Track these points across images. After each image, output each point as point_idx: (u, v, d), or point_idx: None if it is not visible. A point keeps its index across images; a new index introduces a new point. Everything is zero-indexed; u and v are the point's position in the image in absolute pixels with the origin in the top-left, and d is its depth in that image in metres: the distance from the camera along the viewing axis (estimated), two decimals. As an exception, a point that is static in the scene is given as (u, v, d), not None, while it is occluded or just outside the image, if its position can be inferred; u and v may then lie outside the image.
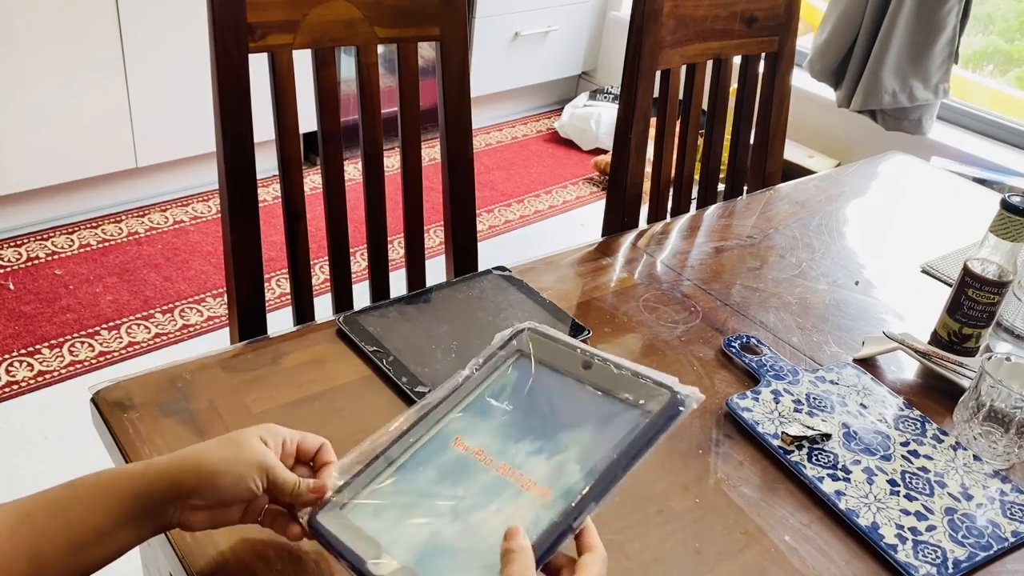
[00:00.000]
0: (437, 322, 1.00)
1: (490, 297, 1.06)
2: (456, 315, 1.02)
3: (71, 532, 0.57)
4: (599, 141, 3.27)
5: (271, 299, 2.26)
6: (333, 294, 1.28)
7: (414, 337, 0.97)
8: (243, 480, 0.61)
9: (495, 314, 1.03)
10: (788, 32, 1.55)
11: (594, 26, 3.54)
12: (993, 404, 0.89)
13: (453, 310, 1.03)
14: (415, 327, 0.98)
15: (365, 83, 1.19)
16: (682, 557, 0.76)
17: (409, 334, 0.97)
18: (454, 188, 1.31)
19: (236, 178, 1.11)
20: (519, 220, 2.82)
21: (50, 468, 1.70)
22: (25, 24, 2.11)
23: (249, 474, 0.61)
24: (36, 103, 2.21)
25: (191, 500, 0.61)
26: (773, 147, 1.62)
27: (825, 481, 0.84)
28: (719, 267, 1.22)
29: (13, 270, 2.24)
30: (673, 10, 1.37)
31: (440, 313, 1.02)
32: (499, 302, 1.05)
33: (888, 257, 1.32)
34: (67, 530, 0.56)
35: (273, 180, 2.68)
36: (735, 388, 0.97)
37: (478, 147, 3.21)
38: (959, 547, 0.79)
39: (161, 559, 0.75)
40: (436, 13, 1.21)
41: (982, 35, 2.88)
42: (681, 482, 0.84)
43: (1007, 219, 1.00)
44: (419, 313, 1.02)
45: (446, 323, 1.00)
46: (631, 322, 1.07)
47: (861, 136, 2.81)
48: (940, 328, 1.08)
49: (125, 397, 0.84)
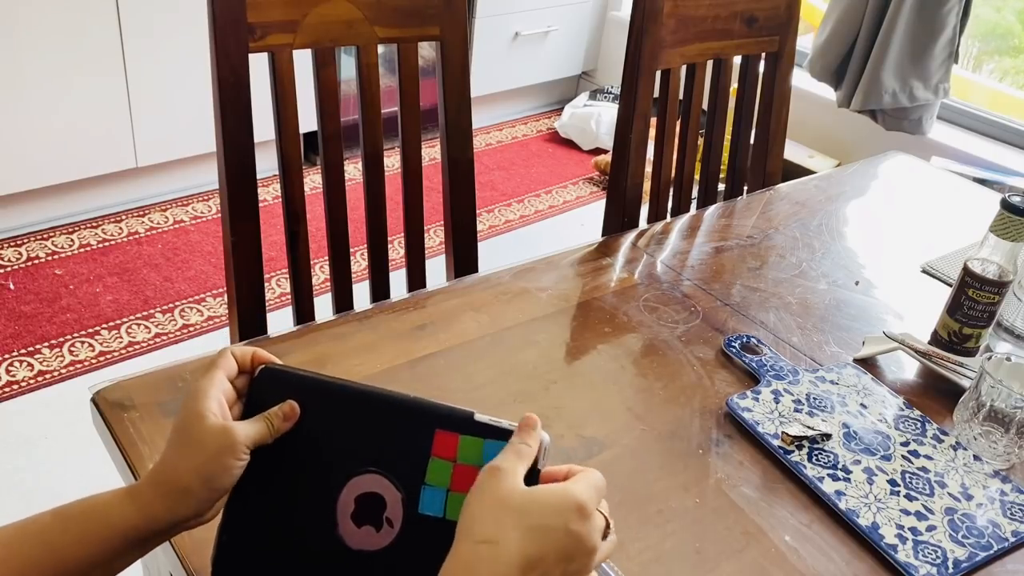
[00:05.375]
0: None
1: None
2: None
3: (63, 565, 0.55)
4: (599, 141, 3.27)
5: (271, 299, 2.26)
6: (333, 294, 1.28)
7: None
8: (227, 473, 0.59)
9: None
10: (788, 32, 1.55)
11: (594, 26, 3.54)
12: (993, 404, 0.89)
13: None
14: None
15: (365, 83, 1.19)
16: (682, 557, 0.76)
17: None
18: (454, 188, 1.31)
19: (236, 178, 1.11)
20: (519, 220, 2.82)
21: (50, 468, 1.70)
22: (25, 24, 2.11)
23: (229, 464, 0.59)
24: (36, 103, 2.21)
25: (188, 523, 0.59)
26: (773, 147, 1.62)
27: (825, 481, 0.84)
28: (719, 267, 1.22)
29: (13, 270, 2.24)
30: (673, 10, 1.37)
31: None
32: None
33: (888, 257, 1.32)
34: (59, 563, 0.55)
35: (273, 180, 2.68)
36: (735, 388, 0.97)
37: (478, 147, 3.21)
38: (959, 547, 0.79)
39: (161, 559, 0.75)
40: (436, 13, 1.21)
41: (997, 14, 2.85)
42: (681, 482, 0.84)
43: (1007, 219, 1.00)
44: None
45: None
46: (631, 322, 1.07)
47: (861, 136, 2.81)
48: (940, 328, 1.08)
49: (125, 397, 0.84)
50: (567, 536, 0.52)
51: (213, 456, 0.58)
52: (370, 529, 0.61)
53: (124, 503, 0.57)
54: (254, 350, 0.65)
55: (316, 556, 0.61)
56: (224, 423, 0.59)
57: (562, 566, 0.52)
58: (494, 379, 0.95)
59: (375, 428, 0.61)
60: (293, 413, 0.62)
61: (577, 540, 0.53)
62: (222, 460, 0.58)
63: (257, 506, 0.62)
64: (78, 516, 0.57)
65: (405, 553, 0.59)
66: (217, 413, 0.59)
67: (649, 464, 0.86)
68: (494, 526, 0.52)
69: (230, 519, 0.63)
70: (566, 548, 0.52)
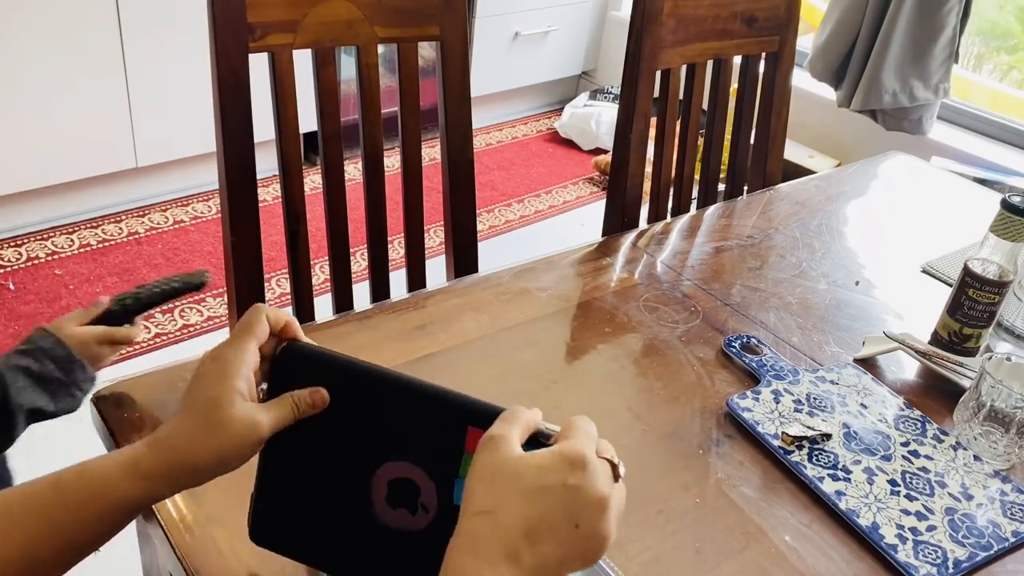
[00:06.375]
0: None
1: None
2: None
3: (62, 538, 0.55)
4: (599, 141, 3.27)
5: (271, 299, 2.26)
6: (333, 294, 1.28)
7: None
8: (243, 459, 0.58)
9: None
10: (788, 32, 1.55)
11: (594, 26, 3.54)
12: (993, 404, 0.89)
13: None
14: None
15: (365, 83, 1.19)
16: (682, 557, 0.76)
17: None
18: (454, 188, 1.31)
19: (236, 178, 1.11)
20: (519, 220, 2.82)
21: (50, 469, 1.69)
22: (25, 24, 2.11)
23: (248, 453, 0.58)
24: (36, 103, 2.21)
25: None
26: (773, 147, 1.62)
27: (825, 481, 0.84)
28: (719, 267, 1.22)
29: (13, 270, 2.24)
30: (673, 10, 1.37)
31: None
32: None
33: (888, 257, 1.32)
34: (58, 536, 0.55)
35: (273, 180, 2.68)
36: (735, 388, 0.97)
37: (478, 147, 3.21)
38: (959, 547, 0.79)
39: (161, 559, 0.75)
40: (436, 13, 1.21)
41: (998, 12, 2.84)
42: (681, 482, 0.84)
43: (1007, 219, 1.00)
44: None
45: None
46: (631, 322, 1.07)
47: (861, 136, 2.81)
48: (940, 328, 1.07)
49: (125, 397, 0.84)
50: (567, 492, 0.50)
51: (234, 443, 0.57)
52: (405, 512, 0.61)
53: (128, 478, 0.56)
54: (288, 319, 0.62)
55: (352, 529, 0.62)
56: (252, 416, 0.57)
57: (571, 523, 0.50)
58: (494, 379, 0.95)
59: (405, 416, 0.61)
60: (323, 403, 0.60)
61: (578, 493, 0.50)
62: (242, 449, 0.57)
63: (290, 476, 0.63)
64: (79, 491, 0.56)
65: (441, 539, 0.59)
66: (245, 394, 0.58)
67: (649, 464, 0.86)
68: (490, 496, 0.51)
69: (264, 486, 0.63)
70: (569, 505, 0.50)
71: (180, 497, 0.73)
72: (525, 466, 0.51)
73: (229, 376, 0.57)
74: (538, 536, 0.49)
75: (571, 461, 0.51)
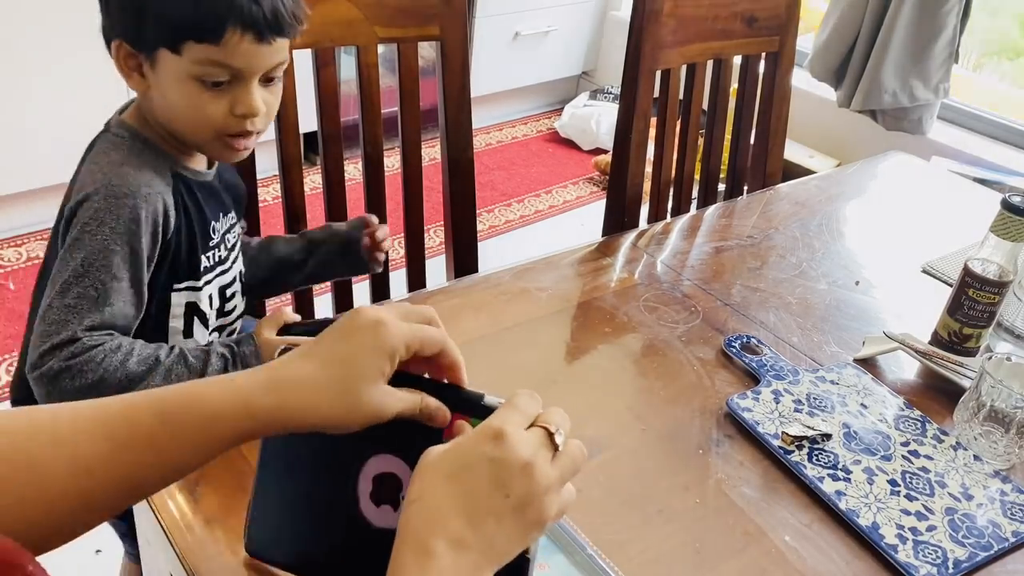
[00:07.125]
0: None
1: None
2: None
3: (165, 468, 0.55)
4: (599, 141, 3.27)
5: (272, 299, 2.25)
6: (333, 294, 1.28)
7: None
8: (351, 430, 0.56)
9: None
10: (788, 32, 1.55)
11: (594, 26, 3.54)
12: (993, 404, 0.89)
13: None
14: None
15: (365, 83, 1.19)
16: (682, 557, 0.76)
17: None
18: (454, 188, 1.31)
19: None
20: (519, 220, 2.82)
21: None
22: (25, 24, 2.11)
23: (356, 427, 0.56)
24: (36, 103, 2.21)
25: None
26: (773, 147, 1.62)
27: (825, 481, 0.84)
28: (719, 267, 1.22)
29: (13, 270, 2.24)
30: (673, 10, 1.37)
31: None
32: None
33: (888, 257, 1.32)
34: (162, 465, 0.54)
35: (273, 180, 2.67)
36: (735, 388, 0.97)
37: (478, 147, 3.20)
38: (959, 547, 0.79)
39: (161, 559, 0.75)
40: (436, 13, 1.21)
41: (992, 19, 2.84)
42: (681, 482, 0.84)
43: (1007, 219, 1.00)
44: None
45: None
46: (631, 322, 1.07)
47: (861, 136, 2.81)
48: (940, 328, 1.07)
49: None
50: (489, 464, 0.50)
51: (357, 418, 0.55)
52: (388, 508, 0.61)
53: (238, 417, 0.54)
54: (452, 356, 0.60)
55: (341, 533, 0.62)
56: (384, 400, 0.56)
57: (501, 494, 0.50)
58: (494, 379, 0.95)
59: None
60: (444, 421, 0.59)
61: (500, 464, 0.50)
62: (360, 423, 0.56)
63: (283, 484, 0.63)
64: (185, 424, 0.54)
65: None
66: (388, 376, 0.56)
67: (649, 464, 0.86)
68: (418, 485, 0.51)
69: (258, 496, 0.64)
70: (494, 476, 0.50)
71: (180, 497, 0.74)
72: (448, 452, 0.52)
73: (385, 351, 0.55)
74: (476, 516, 0.50)
75: (492, 435, 0.52)
